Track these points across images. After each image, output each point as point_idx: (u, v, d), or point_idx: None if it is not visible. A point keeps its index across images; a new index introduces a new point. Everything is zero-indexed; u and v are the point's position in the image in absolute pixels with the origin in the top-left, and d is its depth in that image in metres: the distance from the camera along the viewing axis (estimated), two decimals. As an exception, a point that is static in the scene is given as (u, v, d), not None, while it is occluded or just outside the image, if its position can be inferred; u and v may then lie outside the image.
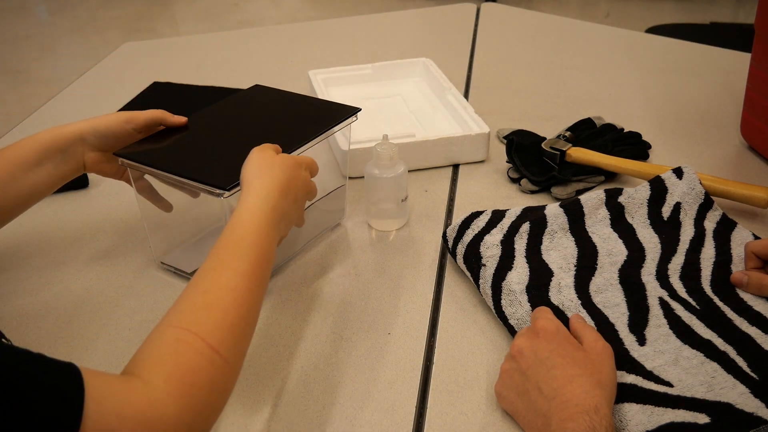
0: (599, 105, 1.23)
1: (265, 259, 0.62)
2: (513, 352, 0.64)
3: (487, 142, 1.05)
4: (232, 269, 0.59)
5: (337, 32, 1.67)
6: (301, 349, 0.73)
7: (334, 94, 1.24)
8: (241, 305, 0.57)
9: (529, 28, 1.64)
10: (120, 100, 1.32)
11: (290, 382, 0.69)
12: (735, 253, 0.79)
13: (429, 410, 0.66)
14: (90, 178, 1.03)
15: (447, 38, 1.60)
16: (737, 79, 1.25)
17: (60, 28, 4.09)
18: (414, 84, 1.28)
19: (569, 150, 0.99)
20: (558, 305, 0.73)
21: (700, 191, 0.84)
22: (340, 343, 0.74)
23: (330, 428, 0.64)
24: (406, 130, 1.10)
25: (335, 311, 0.78)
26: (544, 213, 0.82)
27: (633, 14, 3.86)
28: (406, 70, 1.30)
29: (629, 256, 0.78)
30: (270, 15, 4.11)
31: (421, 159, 1.04)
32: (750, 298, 0.73)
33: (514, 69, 1.40)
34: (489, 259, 0.77)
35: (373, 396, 0.67)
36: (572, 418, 0.56)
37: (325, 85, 1.24)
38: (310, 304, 0.80)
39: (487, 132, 1.04)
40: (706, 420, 0.58)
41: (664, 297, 0.73)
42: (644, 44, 1.54)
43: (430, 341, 0.74)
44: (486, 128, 1.05)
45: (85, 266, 0.87)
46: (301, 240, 0.87)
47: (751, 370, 0.64)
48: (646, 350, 0.67)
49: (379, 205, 0.90)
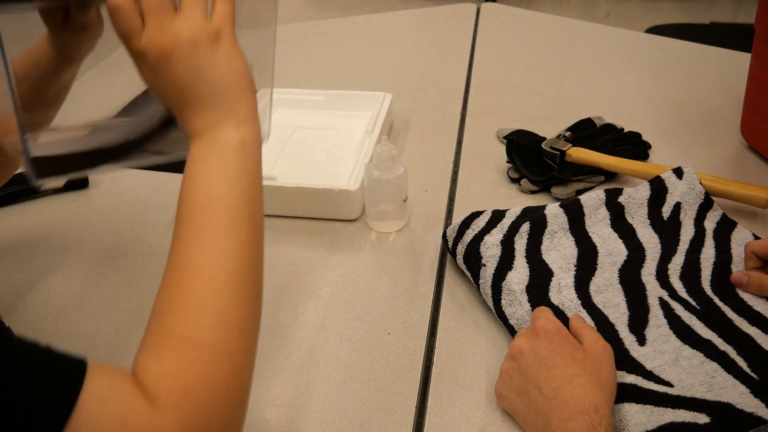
0: (599, 105, 1.23)
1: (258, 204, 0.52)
2: (513, 352, 0.64)
3: (359, 200, 0.92)
4: (224, 254, 0.49)
5: (337, 32, 1.67)
6: (301, 349, 0.73)
7: (274, 117, 1.12)
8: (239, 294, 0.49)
9: (529, 28, 1.64)
10: (121, 101, 1.31)
11: (290, 382, 0.69)
12: (735, 253, 0.79)
13: (429, 410, 0.66)
14: (90, 178, 1.03)
15: (447, 38, 1.60)
16: (737, 79, 1.24)
17: (60, 28, 4.08)
18: (363, 119, 1.10)
19: (569, 150, 0.99)
20: (558, 305, 0.73)
21: (700, 191, 0.84)
22: (340, 343, 0.74)
23: (330, 428, 0.64)
24: (290, 169, 1.00)
25: (335, 311, 0.78)
26: (544, 213, 0.82)
27: (633, 14, 3.86)
28: (360, 103, 1.15)
29: (629, 256, 0.78)
30: (270, 15, 4.10)
31: (279, 206, 0.92)
32: (750, 298, 0.73)
33: (514, 69, 1.40)
34: (489, 259, 0.77)
35: (373, 396, 0.67)
36: (572, 417, 0.56)
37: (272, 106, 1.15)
38: (310, 304, 0.80)
39: (353, 190, 0.90)
40: (706, 420, 0.58)
41: (664, 297, 0.73)
42: (644, 44, 1.54)
43: (430, 341, 0.74)
44: (355, 186, 0.90)
45: (85, 266, 0.87)
46: None
47: (751, 370, 0.64)
48: (646, 350, 0.67)
49: (380, 206, 0.90)
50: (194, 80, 0.51)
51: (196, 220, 0.50)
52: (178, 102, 0.53)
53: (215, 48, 0.52)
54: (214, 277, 0.48)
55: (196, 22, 0.51)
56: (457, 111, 1.23)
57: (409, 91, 1.30)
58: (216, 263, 0.48)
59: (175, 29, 0.51)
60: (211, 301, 0.48)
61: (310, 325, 0.76)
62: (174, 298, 0.48)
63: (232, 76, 0.53)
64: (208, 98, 0.52)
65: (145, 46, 0.51)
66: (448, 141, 1.13)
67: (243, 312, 0.49)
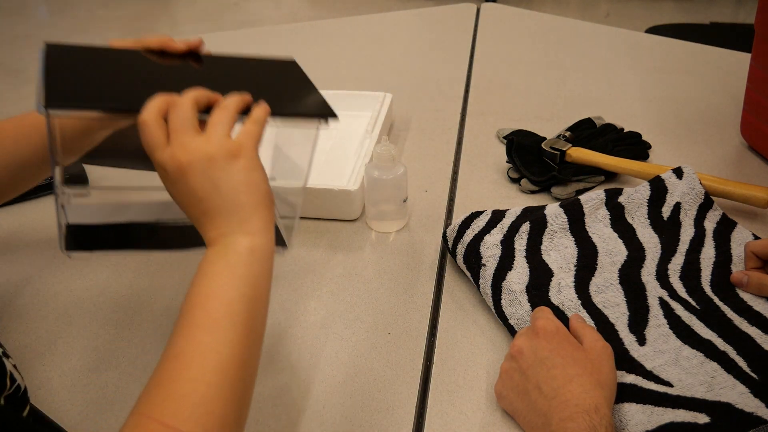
0: (599, 105, 1.23)
1: (259, 312, 0.54)
2: (513, 352, 0.64)
3: (359, 200, 0.92)
4: (214, 351, 0.49)
5: (337, 32, 1.67)
6: (300, 349, 0.73)
7: None
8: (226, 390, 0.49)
9: (529, 28, 1.64)
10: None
11: (290, 383, 0.69)
12: (735, 253, 0.79)
13: (429, 410, 0.66)
14: (90, 178, 1.03)
15: (447, 38, 1.60)
16: (737, 79, 1.24)
17: (60, 28, 4.09)
18: (363, 119, 1.10)
19: (569, 150, 0.99)
20: (558, 305, 0.73)
21: (700, 191, 0.84)
22: (340, 343, 0.74)
23: (330, 428, 0.64)
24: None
25: (335, 311, 0.78)
26: (544, 213, 0.82)
27: (633, 14, 3.86)
28: (360, 103, 1.15)
29: (629, 256, 0.78)
30: (270, 15, 4.10)
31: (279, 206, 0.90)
32: (750, 298, 0.73)
33: (514, 69, 1.40)
34: (489, 259, 0.77)
35: (373, 396, 0.67)
36: (572, 417, 0.56)
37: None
38: (310, 304, 0.80)
39: (353, 190, 0.90)
40: (706, 420, 0.58)
41: (664, 297, 0.73)
42: (644, 44, 1.54)
43: (430, 341, 0.74)
44: (355, 186, 0.90)
45: (85, 266, 0.87)
46: None
47: (750, 370, 0.64)
48: (645, 350, 0.67)
49: (380, 206, 0.90)
50: (211, 192, 0.55)
51: (195, 314, 0.51)
52: (196, 211, 0.56)
53: (233, 163, 0.55)
54: (202, 370, 0.48)
55: (217, 141, 0.55)
56: (457, 111, 1.23)
57: (409, 91, 1.30)
58: (206, 357, 0.49)
59: (195, 146, 0.54)
60: (195, 392, 0.47)
61: (310, 325, 0.76)
62: (162, 383, 0.48)
63: (249, 189, 0.55)
64: (224, 209, 0.55)
65: (167, 159, 0.55)
66: (448, 141, 1.13)
67: (226, 408, 0.48)
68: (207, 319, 0.51)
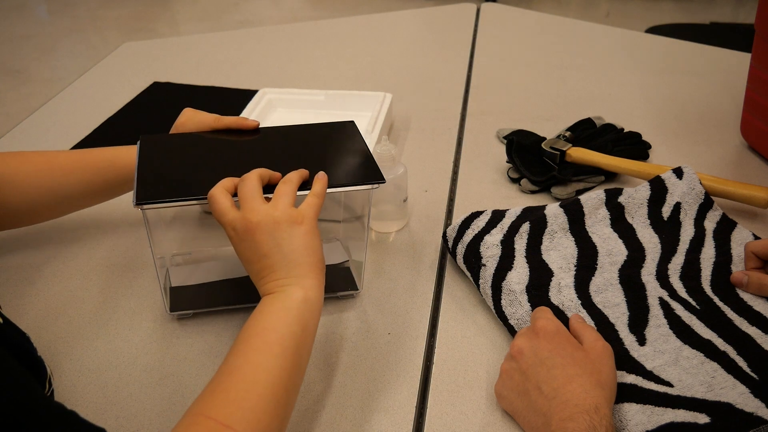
0: (599, 105, 1.23)
1: (305, 349, 0.61)
2: (513, 352, 0.64)
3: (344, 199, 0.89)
4: (266, 371, 0.56)
5: (337, 32, 1.67)
6: (301, 349, 0.73)
7: (273, 117, 1.14)
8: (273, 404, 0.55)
9: (529, 28, 1.65)
10: (120, 100, 1.32)
11: (290, 382, 0.69)
12: (735, 253, 0.79)
13: (429, 410, 0.66)
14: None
15: (447, 38, 1.60)
16: (737, 79, 1.25)
17: (60, 28, 4.09)
18: (363, 119, 1.09)
19: (569, 150, 0.99)
20: (558, 305, 0.73)
21: (700, 191, 0.84)
22: (340, 344, 0.74)
23: (330, 428, 0.64)
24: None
25: (335, 311, 0.78)
26: (544, 213, 0.82)
27: (633, 14, 3.86)
28: (360, 103, 1.15)
29: (629, 256, 0.78)
30: (270, 15, 4.11)
31: None
32: (750, 298, 0.73)
33: (514, 69, 1.40)
34: (489, 259, 0.77)
35: (373, 396, 0.67)
36: (572, 417, 0.56)
37: (270, 106, 1.15)
38: (310, 304, 0.80)
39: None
40: (706, 420, 0.58)
41: (664, 297, 0.73)
42: (644, 44, 1.54)
43: (430, 341, 0.74)
44: None
45: (85, 266, 0.87)
46: None
47: (751, 370, 0.64)
48: (646, 350, 0.67)
49: (380, 206, 0.90)
50: (274, 249, 0.63)
51: (251, 341, 0.58)
52: (258, 266, 0.63)
53: (295, 228, 0.63)
54: (255, 383, 0.55)
55: (282, 208, 0.64)
56: (457, 111, 1.23)
57: (409, 91, 1.30)
58: (258, 374, 0.56)
59: (264, 210, 0.63)
60: (248, 400, 0.54)
61: (310, 325, 0.76)
62: (218, 390, 0.55)
63: (307, 252, 0.63)
64: (284, 265, 0.62)
65: (238, 220, 0.63)
66: (448, 141, 1.14)
67: (272, 418, 0.54)
68: (262, 345, 0.58)
